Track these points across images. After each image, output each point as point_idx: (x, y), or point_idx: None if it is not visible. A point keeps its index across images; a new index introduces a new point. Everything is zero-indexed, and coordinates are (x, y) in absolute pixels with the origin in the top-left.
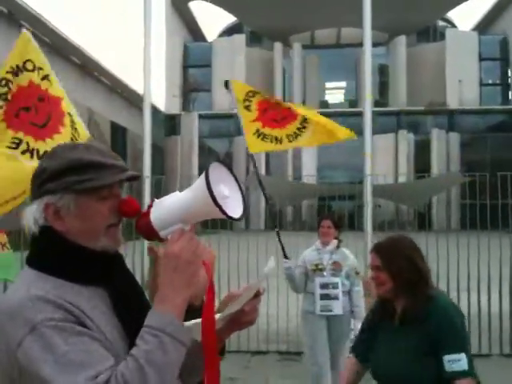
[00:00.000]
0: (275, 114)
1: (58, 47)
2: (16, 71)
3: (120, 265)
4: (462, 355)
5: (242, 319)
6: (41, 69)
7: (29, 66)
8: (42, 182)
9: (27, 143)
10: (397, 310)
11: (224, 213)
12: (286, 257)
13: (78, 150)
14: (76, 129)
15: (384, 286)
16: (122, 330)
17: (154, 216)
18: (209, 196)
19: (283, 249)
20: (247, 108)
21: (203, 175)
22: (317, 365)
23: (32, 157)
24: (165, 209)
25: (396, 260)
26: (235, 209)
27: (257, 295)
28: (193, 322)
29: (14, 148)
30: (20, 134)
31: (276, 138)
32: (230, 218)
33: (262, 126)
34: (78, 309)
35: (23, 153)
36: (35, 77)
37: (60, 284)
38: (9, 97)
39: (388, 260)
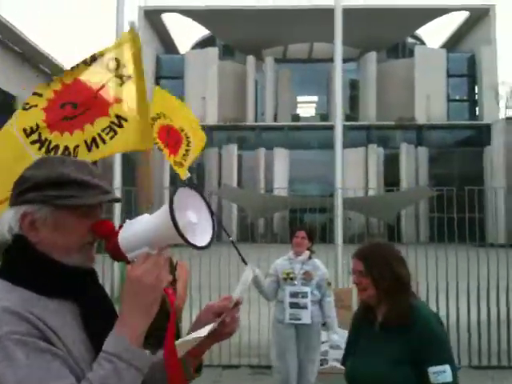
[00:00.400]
0: (171, 141)
1: (28, 56)
2: (97, 61)
3: (93, 280)
4: (447, 366)
5: (222, 330)
6: (124, 67)
7: (111, 64)
8: (23, 191)
9: (39, 134)
10: (377, 316)
11: (187, 242)
12: (244, 262)
13: (66, 164)
14: (111, 133)
15: (366, 291)
16: (90, 345)
17: (122, 237)
18: (172, 224)
19: (240, 255)
20: (160, 148)
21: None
22: (284, 372)
23: (40, 149)
24: (133, 231)
25: (378, 266)
26: (203, 235)
27: (236, 304)
28: (184, 339)
29: (26, 135)
30: (41, 123)
31: (180, 163)
32: (195, 246)
33: (174, 156)
34: (44, 323)
35: (32, 143)
36: (109, 76)
37: (29, 296)
38: (67, 80)
39: (370, 265)
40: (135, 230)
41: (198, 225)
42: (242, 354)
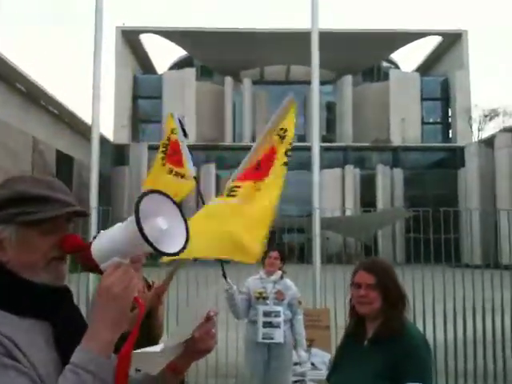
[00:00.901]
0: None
1: (3, 73)
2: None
3: (66, 299)
4: None
5: (196, 347)
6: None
7: (281, 132)
8: None
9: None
10: (368, 331)
11: (156, 249)
12: (225, 277)
13: (26, 182)
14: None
15: (371, 305)
16: (60, 364)
17: (95, 248)
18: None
19: (223, 271)
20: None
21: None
22: None
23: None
24: (104, 241)
25: (388, 280)
26: (175, 242)
27: (208, 319)
28: (140, 351)
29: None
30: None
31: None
32: (164, 253)
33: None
34: (10, 340)
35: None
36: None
37: None
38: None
39: (382, 279)
40: (106, 240)
41: (170, 231)
42: (219, 375)
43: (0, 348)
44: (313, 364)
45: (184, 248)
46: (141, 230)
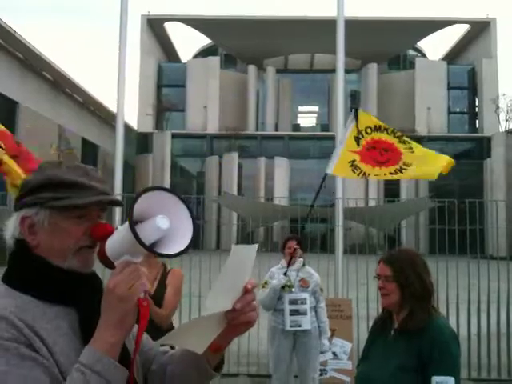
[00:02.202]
0: (377, 154)
1: (31, 63)
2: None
3: (95, 287)
4: (451, 379)
5: (238, 320)
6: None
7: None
8: (22, 195)
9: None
10: (394, 322)
11: (151, 250)
12: (285, 274)
13: (62, 168)
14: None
15: (389, 296)
16: None
17: (107, 245)
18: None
19: (288, 265)
20: (356, 139)
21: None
22: (279, 380)
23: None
24: (115, 238)
25: (405, 272)
26: (180, 241)
27: (246, 291)
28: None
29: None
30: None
31: (364, 173)
32: (160, 254)
33: (359, 159)
34: (32, 330)
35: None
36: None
37: (25, 301)
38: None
39: (398, 271)
40: (117, 238)
41: (174, 230)
42: (241, 363)
43: (20, 337)
44: (334, 353)
45: (185, 250)
46: (133, 231)
